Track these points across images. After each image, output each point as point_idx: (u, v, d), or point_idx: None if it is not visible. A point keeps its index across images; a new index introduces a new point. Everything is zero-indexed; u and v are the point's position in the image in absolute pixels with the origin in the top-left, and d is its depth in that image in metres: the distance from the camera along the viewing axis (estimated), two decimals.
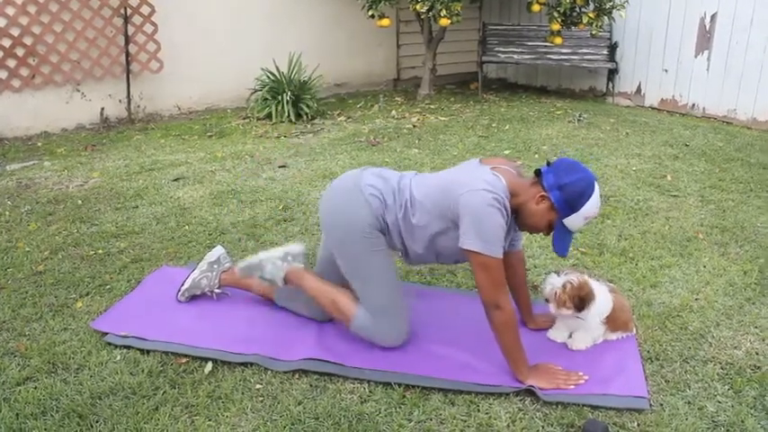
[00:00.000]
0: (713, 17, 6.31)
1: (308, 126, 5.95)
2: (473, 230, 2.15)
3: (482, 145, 5.31)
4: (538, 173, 2.27)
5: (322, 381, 2.30)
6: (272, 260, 2.61)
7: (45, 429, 2.04)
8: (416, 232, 2.33)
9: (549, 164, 2.28)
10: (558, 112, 6.54)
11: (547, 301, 2.42)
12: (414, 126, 5.98)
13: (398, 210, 2.34)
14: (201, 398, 2.19)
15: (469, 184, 2.21)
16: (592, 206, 2.20)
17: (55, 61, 5.69)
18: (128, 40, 5.97)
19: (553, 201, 2.20)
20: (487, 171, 2.27)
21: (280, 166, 4.74)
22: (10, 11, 5.40)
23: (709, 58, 6.43)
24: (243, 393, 2.22)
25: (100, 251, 3.32)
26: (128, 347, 2.46)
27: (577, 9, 6.34)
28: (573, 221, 2.22)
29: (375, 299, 2.41)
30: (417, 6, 6.13)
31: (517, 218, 2.31)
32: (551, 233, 2.28)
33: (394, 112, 6.56)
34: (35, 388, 2.24)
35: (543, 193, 2.21)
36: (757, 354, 2.47)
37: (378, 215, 2.35)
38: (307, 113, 6.18)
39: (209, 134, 5.73)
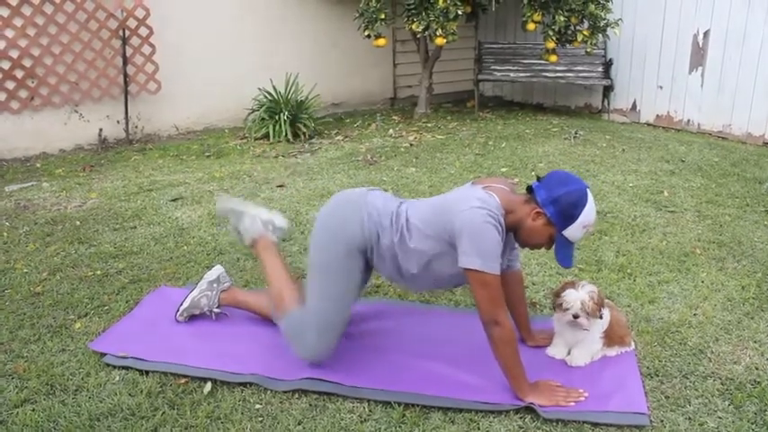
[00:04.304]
0: (706, 34, 6.38)
1: (306, 145, 5.97)
2: (470, 248, 2.16)
3: (479, 163, 5.33)
4: (530, 189, 2.29)
5: (321, 400, 2.29)
6: (253, 216, 2.58)
7: None
8: (413, 255, 2.32)
9: (539, 179, 2.30)
10: (555, 130, 6.58)
11: (575, 317, 2.40)
12: (411, 145, 6.01)
13: (395, 234, 2.34)
14: (201, 418, 2.18)
15: (463, 202, 2.23)
16: (588, 215, 2.21)
17: (53, 83, 5.72)
18: (126, 61, 6.01)
19: (549, 215, 2.21)
20: (479, 190, 2.29)
21: (278, 186, 4.76)
22: (9, 33, 5.44)
23: (703, 75, 6.49)
24: (242, 413, 2.21)
25: (98, 272, 3.32)
26: (126, 368, 2.45)
27: (572, 27, 6.39)
28: (572, 232, 2.23)
29: (317, 312, 2.38)
30: (413, 26, 6.18)
31: (516, 236, 2.33)
32: (553, 247, 2.29)
33: (391, 130, 6.59)
34: (33, 410, 2.23)
35: (538, 209, 2.23)
36: (757, 368, 2.47)
37: (367, 236, 2.35)
38: (304, 133, 6.20)
39: (207, 154, 5.75)
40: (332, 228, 2.40)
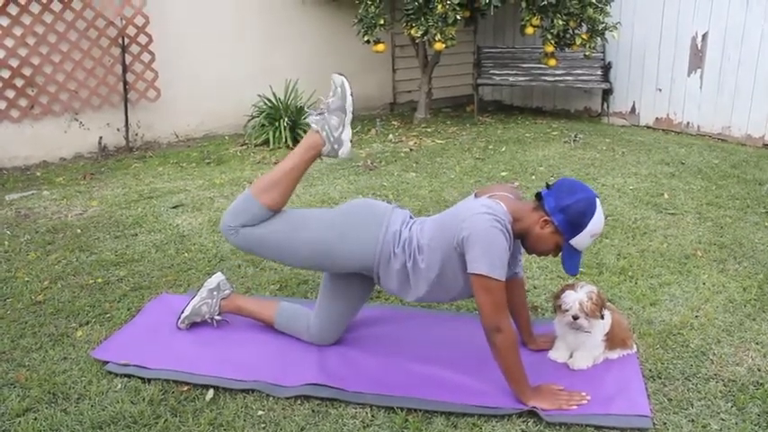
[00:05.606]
0: (704, 36, 6.39)
1: None
2: (478, 253, 2.15)
3: (479, 167, 5.33)
4: (538, 196, 2.29)
5: (324, 406, 2.29)
6: (341, 125, 2.54)
7: None
8: (424, 274, 2.33)
9: (548, 186, 2.29)
10: (554, 133, 6.58)
11: (575, 318, 2.39)
12: (411, 150, 6.01)
13: (408, 260, 2.34)
14: (203, 426, 2.18)
15: (469, 210, 2.23)
16: (595, 224, 2.21)
17: (53, 91, 5.73)
18: (125, 69, 6.02)
19: (557, 224, 2.21)
20: (484, 198, 2.29)
21: None
22: (9, 42, 5.46)
23: (702, 77, 6.49)
24: (245, 420, 2.21)
25: (99, 280, 3.32)
26: (128, 376, 2.45)
27: (571, 31, 6.40)
28: (579, 241, 2.23)
29: (271, 227, 2.44)
30: (412, 31, 6.19)
31: (524, 243, 2.33)
32: (560, 254, 2.29)
33: (391, 135, 6.59)
34: (35, 419, 2.22)
35: (546, 218, 2.23)
36: (759, 370, 2.47)
37: (377, 259, 2.36)
38: None
39: (207, 161, 5.76)
40: (344, 235, 2.39)
